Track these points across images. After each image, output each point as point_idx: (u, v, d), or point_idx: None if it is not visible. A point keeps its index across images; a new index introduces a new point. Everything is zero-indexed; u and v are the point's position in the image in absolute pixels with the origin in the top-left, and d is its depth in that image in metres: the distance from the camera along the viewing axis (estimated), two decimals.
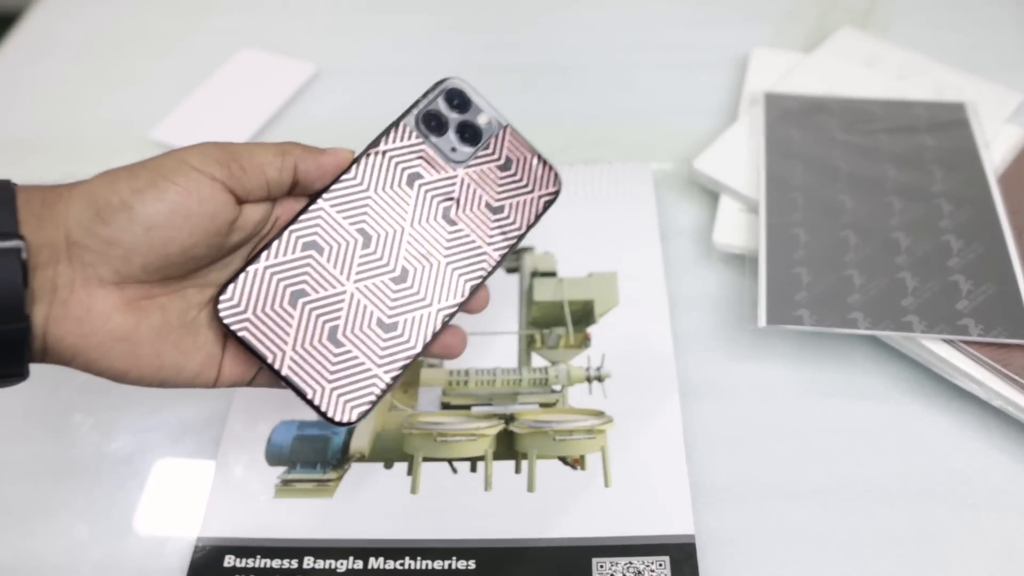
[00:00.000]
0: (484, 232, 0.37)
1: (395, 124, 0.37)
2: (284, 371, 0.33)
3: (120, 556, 0.40)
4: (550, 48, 0.69)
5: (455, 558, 0.39)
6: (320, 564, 0.39)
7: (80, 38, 0.73)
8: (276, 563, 0.39)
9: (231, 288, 0.33)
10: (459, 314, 0.36)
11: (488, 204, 0.37)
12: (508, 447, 0.43)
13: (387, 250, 0.35)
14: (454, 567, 0.38)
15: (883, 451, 0.42)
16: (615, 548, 0.38)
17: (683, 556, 0.38)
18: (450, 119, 0.37)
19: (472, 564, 0.38)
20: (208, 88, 0.66)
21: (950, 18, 0.68)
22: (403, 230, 0.36)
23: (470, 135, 0.37)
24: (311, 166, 0.34)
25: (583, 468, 0.41)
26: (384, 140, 0.36)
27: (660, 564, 0.38)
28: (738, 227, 0.51)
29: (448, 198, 0.37)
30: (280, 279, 0.34)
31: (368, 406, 0.34)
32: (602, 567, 0.38)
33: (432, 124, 0.37)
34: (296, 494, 0.42)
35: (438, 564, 0.38)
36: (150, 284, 0.32)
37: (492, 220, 0.37)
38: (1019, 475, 0.41)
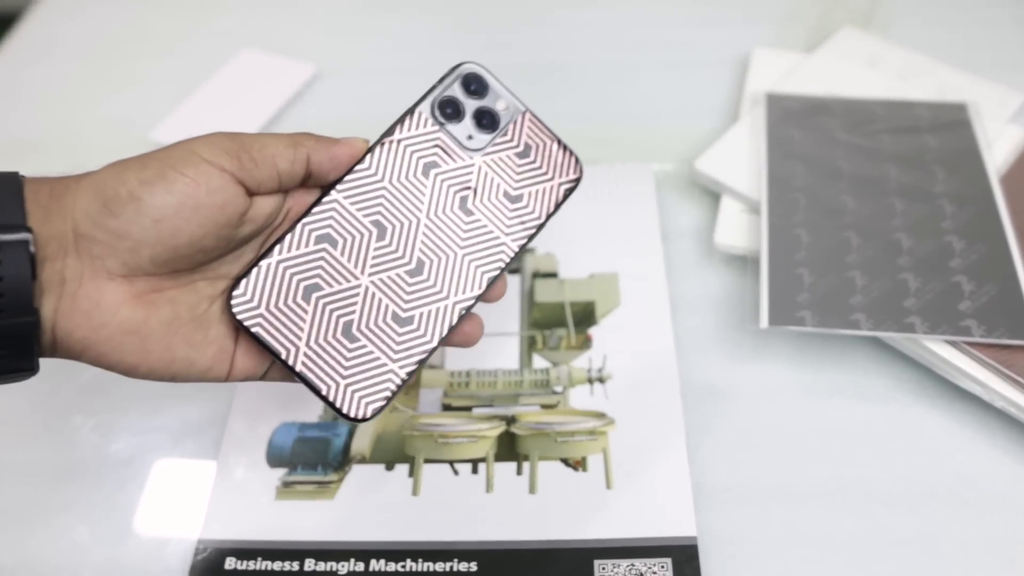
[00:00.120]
0: (502, 222, 0.36)
1: (410, 111, 0.36)
2: (298, 367, 0.33)
3: (121, 558, 0.40)
4: (551, 48, 0.69)
5: (456, 560, 0.39)
6: (321, 566, 0.39)
7: (80, 38, 0.73)
8: (277, 565, 0.39)
9: (244, 284, 0.33)
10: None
11: (506, 193, 0.36)
12: (509, 449, 0.43)
13: (402, 242, 0.35)
14: (455, 569, 0.38)
15: (885, 452, 0.42)
16: (617, 550, 0.38)
17: (685, 558, 0.38)
18: (467, 105, 0.36)
19: (474, 566, 0.38)
20: (208, 89, 0.66)
21: (951, 18, 0.68)
22: (419, 221, 0.35)
23: (488, 122, 0.36)
24: (324, 157, 0.34)
25: (585, 470, 0.41)
26: (399, 128, 0.35)
27: (662, 566, 0.38)
28: (740, 228, 0.51)
29: (465, 187, 0.36)
30: (293, 274, 0.33)
31: (383, 402, 0.33)
32: (604, 569, 0.38)
33: (448, 111, 0.36)
34: (297, 496, 0.41)
35: (439, 566, 0.38)
36: (159, 277, 0.31)
37: (510, 209, 0.36)
38: (1021, 476, 0.41)
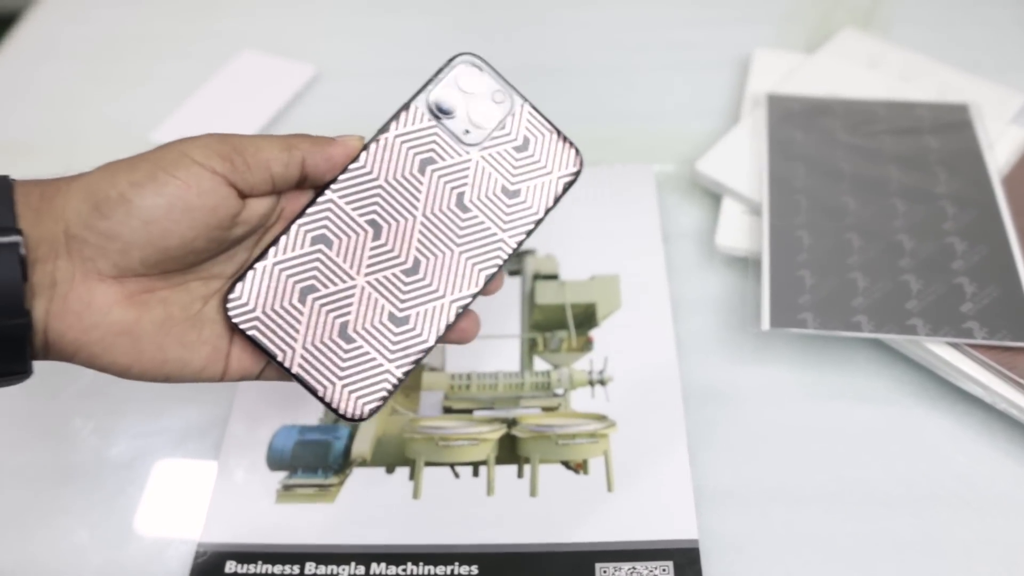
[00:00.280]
0: (500, 218, 0.35)
1: (405, 107, 0.35)
2: (295, 369, 0.33)
3: (121, 561, 0.40)
4: (551, 49, 0.69)
5: (457, 563, 0.38)
6: (322, 570, 0.39)
7: (80, 39, 0.73)
8: (278, 569, 0.39)
9: (239, 287, 0.33)
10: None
11: (504, 188, 0.35)
12: (510, 451, 0.43)
13: (398, 241, 0.34)
14: (456, 573, 0.38)
15: (887, 455, 0.42)
16: (618, 553, 0.38)
17: (687, 561, 0.38)
18: (464, 99, 0.35)
19: (475, 570, 0.38)
20: (209, 90, 0.66)
21: (952, 19, 0.68)
22: (415, 219, 0.35)
23: (485, 115, 0.35)
24: (319, 159, 0.33)
25: (586, 472, 0.41)
26: (394, 124, 0.35)
27: (664, 569, 0.37)
28: (741, 229, 0.51)
29: (462, 183, 0.35)
30: (289, 275, 0.33)
31: (380, 402, 0.33)
32: (605, 572, 0.38)
33: (445, 105, 0.35)
34: (298, 499, 0.41)
35: (440, 570, 0.38)
36: (150, 278, 0.31)
37: (508, 205, 0.35)
38: (1023, 478, 0.41)
